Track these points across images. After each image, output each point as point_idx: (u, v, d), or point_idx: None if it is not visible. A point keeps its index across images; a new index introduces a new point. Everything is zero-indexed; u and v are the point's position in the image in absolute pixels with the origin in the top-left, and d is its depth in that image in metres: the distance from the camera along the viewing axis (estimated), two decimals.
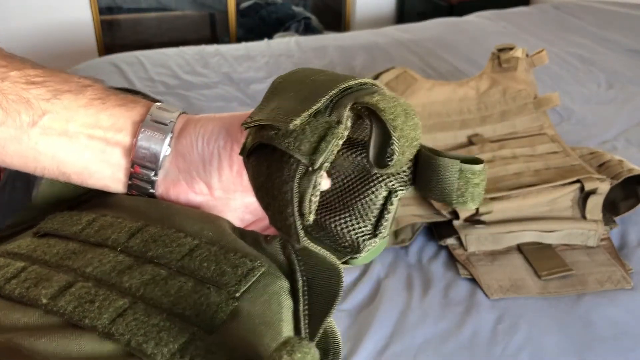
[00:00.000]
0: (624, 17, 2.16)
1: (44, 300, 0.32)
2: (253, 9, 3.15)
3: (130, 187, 0.38)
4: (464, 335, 0.87)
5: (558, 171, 1.13)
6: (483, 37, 2.03)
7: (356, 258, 0.36)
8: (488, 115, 1.30)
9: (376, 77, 1.34)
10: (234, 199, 0.38)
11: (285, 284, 0.33)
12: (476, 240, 1.02)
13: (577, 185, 1.05)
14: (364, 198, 0.36)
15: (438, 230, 1.07)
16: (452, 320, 0.90)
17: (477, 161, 0.33)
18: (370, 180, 0.36)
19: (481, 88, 1.33)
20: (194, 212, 0.37)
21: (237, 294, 0.32)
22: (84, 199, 0.41)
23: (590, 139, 1.38)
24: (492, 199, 1.04)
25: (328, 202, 0.35)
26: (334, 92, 0.32)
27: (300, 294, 0.33)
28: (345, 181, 0.36)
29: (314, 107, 0.31)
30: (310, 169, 0.31)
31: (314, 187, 0.31)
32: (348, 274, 0.99)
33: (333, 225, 0.36)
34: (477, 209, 1.02)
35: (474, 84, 1.34)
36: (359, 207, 0.36)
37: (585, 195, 1.05)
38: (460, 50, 1.92)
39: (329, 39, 2.09)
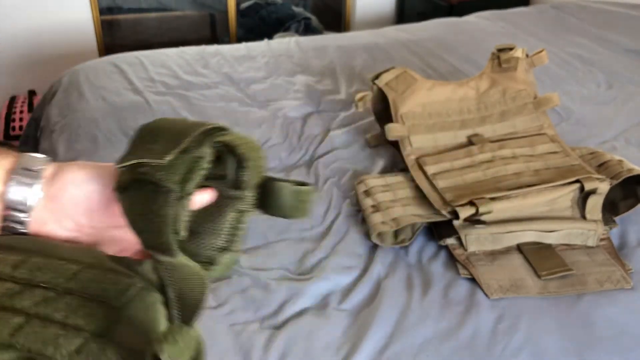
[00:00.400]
0: (624, 17, 2.16)
1: None
2: (253, 9, 3.15)
3: (3, 228, 0.42)
4: (464, 335, 0.87)
5: (558, 171, 1.13)
6: (483, 37, 2.03)
7: (214, 270, 0.43)
8: (488, 115, 1.30)
9: (376, 77, 1.35)
10: (103, 234, 0.43)
11: (158, 296, 0.39)
12: (476, 240, 1.02)
13: (577, 185, 1.05)
14: (219, 220, 0.43)
15: (438, 230, 1.07)
16: (452, 319, 0.90)
17: (305, 184, 0.44)
18: (223, 204, 0.44)
19: (481, 88, 1.33)
20: (70, 245, 0.42)
21: (119, 304, 0.38)
22: None
23: (589, 139, 1.38)
24: (492, 199, 1.04)
25: (189, 225, 0.42)
26: (196, 133, 0.40)
27: (172, 303, 0.39)
28: (201, 208, 0.43)
29: (182, 146, 0.39)
30: (181, 194, 0.39)
31: (185, 209, 0.39)
32: (348, 275, 1.00)
33: (193, 245, 0.43)
34: (477, 209, 1.02)
35: (474, 84, 1.34)
36: (214, 227, 0.43)
37: (585, 195, 1.05)
38: (460, 51, 1.92)
39: (329, 39, 2.09)
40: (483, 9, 2.38)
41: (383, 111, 1.36)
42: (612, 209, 1.11)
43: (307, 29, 3.10)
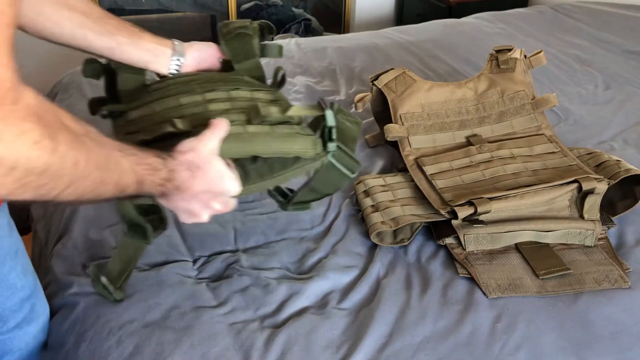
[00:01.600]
0: (621, 18, 2.17)
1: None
2: (253, 10, 3.15)
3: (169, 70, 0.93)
4: (462, 334, 0.88)
5: (556, 171, 1.14)
6: (481, 38, 2.04)
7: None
8: (486, 115, 1.31)
9: (375, 78, 1.35)
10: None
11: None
12: (474, 240, 1.03)
13: (575, 185, 1.06)
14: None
15: (437, 230, 1.08)
16: (450, 318, 0.91)
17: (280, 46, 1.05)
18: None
19: (479, 89, 1.34)
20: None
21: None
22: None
23: (587, 140, 1.39)
24: (491, 198, 1.05)
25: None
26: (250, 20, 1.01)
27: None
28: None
29: (256, 22, 1.00)
30: (256, 36, 0.97)
31: (258, 44, 0.99)
32: (347, 274, 1.00)
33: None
34: (476, 209, 1.02)
35: (473, 85, 1.35)
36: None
37: (582, 195, 1.06)
38: (459, 52, 1.93)
39: (329, 40, 2.10)
40: (482, 10, 2.38)
41: (382, 112, 1.37)
42: (609, 209, 1.12)
43: (307, 30, 3.11)
